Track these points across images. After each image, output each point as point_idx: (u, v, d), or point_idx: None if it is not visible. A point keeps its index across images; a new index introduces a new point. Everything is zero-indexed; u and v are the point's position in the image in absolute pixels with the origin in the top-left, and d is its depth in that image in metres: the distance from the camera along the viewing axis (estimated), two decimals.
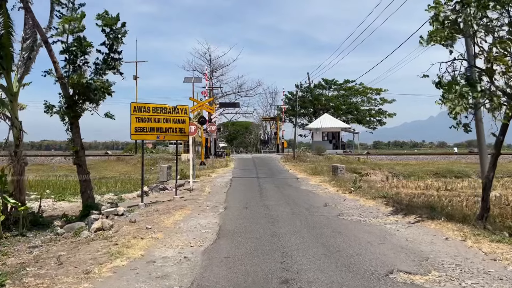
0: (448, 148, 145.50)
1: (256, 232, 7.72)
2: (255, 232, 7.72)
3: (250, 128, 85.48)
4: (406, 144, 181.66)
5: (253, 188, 15.59)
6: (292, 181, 18.60)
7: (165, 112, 12.53)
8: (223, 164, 27.06)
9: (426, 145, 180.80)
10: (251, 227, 8.21)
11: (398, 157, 37.40)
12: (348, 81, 56.06)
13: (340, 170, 19.40)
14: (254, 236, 7.40)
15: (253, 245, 6.64)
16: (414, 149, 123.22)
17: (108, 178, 26.47)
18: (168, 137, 12.71)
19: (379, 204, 11.61)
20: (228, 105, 39.40)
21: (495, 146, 8.90)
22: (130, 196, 16.64)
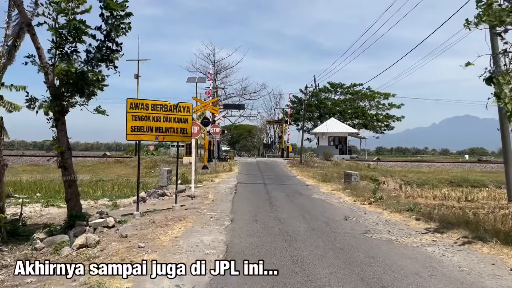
0: (451, 155, 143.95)
1: (272, 256, 6.30)
2: (270, 256, 6.30)
3: (253, 132, 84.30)
4: (409, 151, 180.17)
5: (261, 196, 14.16)
6: (302, 189, 17.17)
7: (165, 110, 11.14)
8: (227, 168, 25.66)
9: (429, 152, 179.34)
10: (265, 248, 6.79)
11: (409, 164, 35.92)
12: (355, 84, 54.68)
13: (354, 177, 17.96)
14: (270, 261, 5.98)
15: (271, 279, 5.19)
16: (417, 155, 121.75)
17: (105, 181, 25.14)
18: (169, 138, 11.31)
19: (407, 219, 10.19)
20: (232, 107, 38.02)
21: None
22: (126, 202, 15.27)
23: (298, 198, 13.89)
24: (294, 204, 12.38)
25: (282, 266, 5.75)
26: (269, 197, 13.87)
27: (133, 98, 10.81)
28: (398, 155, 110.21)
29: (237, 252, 6.54)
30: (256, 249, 6.75)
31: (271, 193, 15.02)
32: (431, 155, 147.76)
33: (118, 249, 6.72)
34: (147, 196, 15.04)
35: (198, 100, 22.67)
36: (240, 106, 37.47)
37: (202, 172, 23.25)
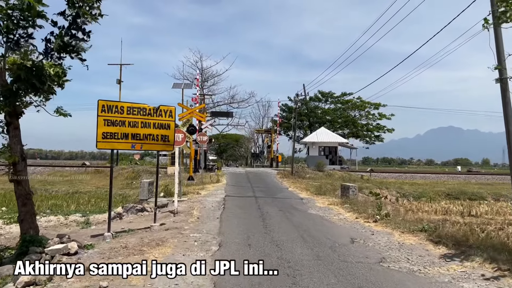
0: (436, 166, 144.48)
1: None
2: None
3: (240, 141, 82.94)
4: (395, 161, 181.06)
5: (253, 212, 12.67)
6: (296, 203, 15.74)
7: (144, 114, 9.65)
8: (214, 179, 24.11)
9: (414, 162, 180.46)
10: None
11: (403, 175, 34.81)
12: (345, 94, 53.77)
13: (352, 190, 16.60)
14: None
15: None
16: (403, 166, 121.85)
17: (82, 193, 23.34)
18: (148, 146, 9.79)
19: (423, 241, 8.83)
20: (220, 115, 36.55)
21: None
22: (100, 219, 13.59)
23: (294, 214, 12.44)
24: (290, 222, 10.92)
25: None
26: (261, 213, 12.38)
27: (106, 100, 9.28)
28: (384, 166, 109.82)
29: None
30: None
31: (263, 208, 13.54)
32: (417, 165, 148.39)
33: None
34: (124, 211, 13.43)
35: (184, 106, 21.19)
36: (229, 114, 36.00)
37: (188, 183, 21.66)
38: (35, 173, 30.86)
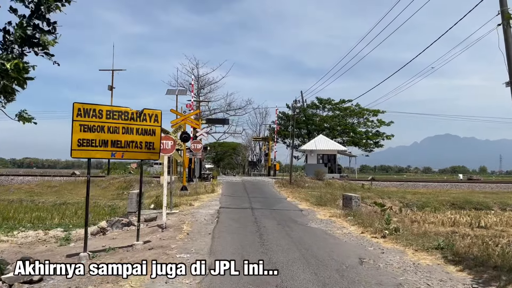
0: (433, 174, 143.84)
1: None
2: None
3: (237, 149, 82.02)
4: (392, 169, 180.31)
5: (249, 226, 11.59)
6: (295, 215, 14.68)
7: (126, 119, 8.61)
8: (209, 189, 23.01)
9: (411, 170, 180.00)
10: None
11: (405, 183, 33.78)
12: (343, 101, 52.82)
13: (355, 201, 15.55)
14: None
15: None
16: (401, 174, 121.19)
17: (70, 204, 22.24)
18: (130, 155, 8.73)
19: (441, 262, 7.77)
20: (216, 122, 35.52)
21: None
22: (84, 233, 12.52)
23: (293, 229, 11.37)
24: (290, 238, 9.85)
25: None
26: (258, 228, 11.30)
27: (82, 103, 8.25)
28: (381, 174, 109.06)
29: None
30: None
31: (261, 222, 12.47)
32: (414, 173, 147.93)
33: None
34: (109, 226, 12.34)
35: (176, 112, 20.18)
36: (225, 121, 34.95)
37: (181, 194, 20.57)
38: (24, 183, 29.69)
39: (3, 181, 30.26)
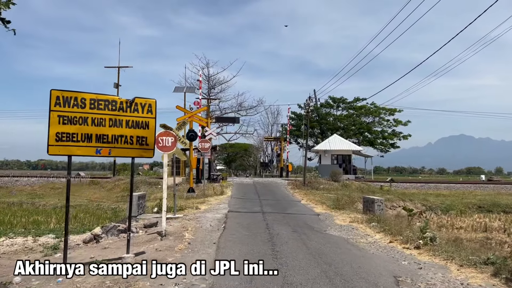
0: (448, 175, 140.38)
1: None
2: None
3: (249, 150, 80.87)
4: (406, 170, 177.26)
5: (260, 233, 10.17)
6: (311, 220, 13.23)
7: (113, 109, 7.30)
8: (218, 191, 21.66)
9: (426, 171, 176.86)
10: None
11: (425, 185, 32.01)
12: (358, 99, 50.99)
13: (378, 204, 14.02)
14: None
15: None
16: (415, 175, 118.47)
17: (71, 207, 21.09)
18: (118, 151, 7.40)
19: (497, 282, 6.29)
20: (226, 120, 34.17)
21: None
22: (77, 240, 11.26)
23: (311, 237, 9.93)
24: (308, 250, 8.41)
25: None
26: (270, 236, 9.89)
27: (62, 90, 6.96)
28: (395, 175, 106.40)
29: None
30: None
31: (273, 228, 11.05)
32: (428, 174, 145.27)
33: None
34: (103, 233, 11.03)
35: (182, 109, 18.89)
36: (235, 120, 33.54)
37: (187, 196, 19.24)
38: (28, 185, 28.76)
39: (7, 183, 29.36)
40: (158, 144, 10.11)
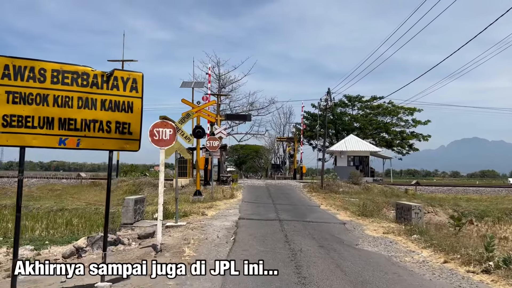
0: (462, 178, 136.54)
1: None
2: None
3: (260, 152, 79.09)
4: (419, 173, 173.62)
5: (278, 250, 8.14)
6: (338, 230, 11.18)
7: (84, 84, 5.40)
8: (228, 194, 19.69)
9: (439, 174, 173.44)
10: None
11: (453, 188, 29.64)
12: (375, 98, 48.62)
13: (415, 212, 11.89)
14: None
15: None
16: (429, 178, 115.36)
17: (67, 211, 19.33)
18: (90, 142, 5.46)
19: None
20: (236, 118, 32.25)
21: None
22: (58, 253, 9.39)
23: (343, 255, 7.87)
24: (344, 275, 6.37)
25: None
26: (292, 253, 7.85)
27: (12, 57, 5.06)
28: (408, 178, 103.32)
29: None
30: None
31: (294, 241, 9.01)
32: (442, 177, 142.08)
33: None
34: (89, 245, 9.09)
35: (187, 102, 16.97)
36: (246, 117, 31.48)
37: (193, 200, 17.30)
38: (27, 186, 27.10)
39: (5, 184, 27.78)
40: (153, 137, 8.19)
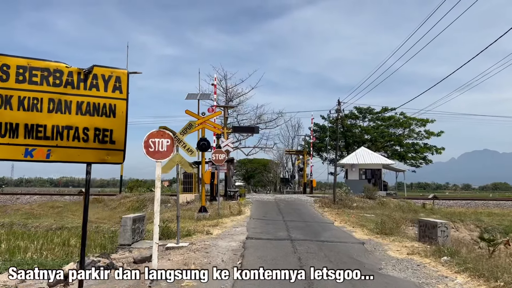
0: (474, 191, 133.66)
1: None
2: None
3: (268, 166, 78.17)
4: (430, 186, 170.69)
5: (292, 279, 7.06)
6: (357, 251, 10.05)
7: (56, 84, 4.46)
8: (235, 210, 18.62)
9: (450, 187, 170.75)
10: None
11: (471, 202, 28.23)
12: (386, 109, 47.43)
13: (442, 230, 10.73)
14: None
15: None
16: (440, 191, 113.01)
17: (67, 229, 18.38)
18: (63, 153, 4.50)
19: None
20: (244, 130, 31.34)
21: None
22: (43, 282, 8.42)
23: (367, 284, 6.77)
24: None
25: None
26: (308, 283, 6.77)
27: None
28: (419, 191, 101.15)
29: None
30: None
31: (308, 265, 7.91)
32: (453, 190, 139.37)
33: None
34: (76, 271, 8.11)
35: (192, 114, 16.08)
36: (254, 129, 30.52)
37: (198, 217, 16.26)
38: (29, 203, 26.31)
39: (7, 201, 27.02)
40: (148, 148, 7.24)
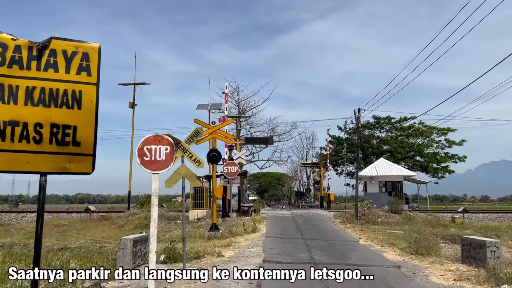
0: (493, 202, 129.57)
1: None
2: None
3: (282, 179, 76.60)
4: (447, 198, 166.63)
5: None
6: (393, 277, 8.51)
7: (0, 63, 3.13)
8: (249, 227, 17.16)
9: (468, 199, 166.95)
10: None
11: (504, 215, 26.25)
12: (405, 118, 45.61)
13: (492, 250, 9.15)
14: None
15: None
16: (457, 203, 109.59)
17: (71, 249, 17.14)
18: (8, 159, 3.17)
19: None
20: (257, 141, 30.01)
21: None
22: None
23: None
24: None
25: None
26: None
27: None
28: (437, 203, 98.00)
29: None
30: None
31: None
32: (471, 202, 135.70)
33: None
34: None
35: (201, 122, 14.81)
36: (267, 140, 29.19)
37: (209, 236, 14.83)
38: (34, 221, 25.21)
39: (13, 219, 26.00)
40: (143, 157, 5.92)
